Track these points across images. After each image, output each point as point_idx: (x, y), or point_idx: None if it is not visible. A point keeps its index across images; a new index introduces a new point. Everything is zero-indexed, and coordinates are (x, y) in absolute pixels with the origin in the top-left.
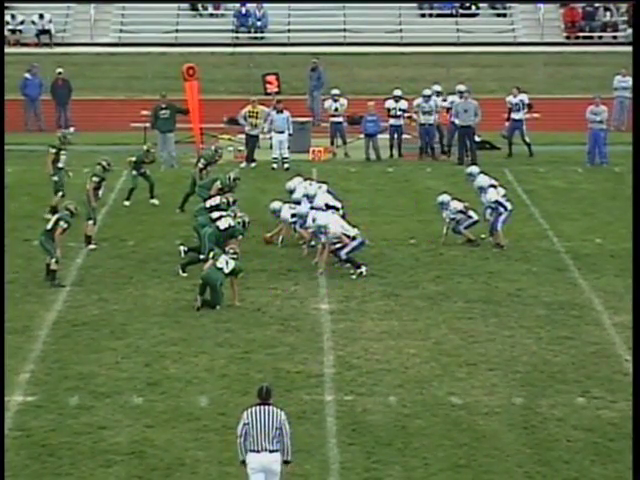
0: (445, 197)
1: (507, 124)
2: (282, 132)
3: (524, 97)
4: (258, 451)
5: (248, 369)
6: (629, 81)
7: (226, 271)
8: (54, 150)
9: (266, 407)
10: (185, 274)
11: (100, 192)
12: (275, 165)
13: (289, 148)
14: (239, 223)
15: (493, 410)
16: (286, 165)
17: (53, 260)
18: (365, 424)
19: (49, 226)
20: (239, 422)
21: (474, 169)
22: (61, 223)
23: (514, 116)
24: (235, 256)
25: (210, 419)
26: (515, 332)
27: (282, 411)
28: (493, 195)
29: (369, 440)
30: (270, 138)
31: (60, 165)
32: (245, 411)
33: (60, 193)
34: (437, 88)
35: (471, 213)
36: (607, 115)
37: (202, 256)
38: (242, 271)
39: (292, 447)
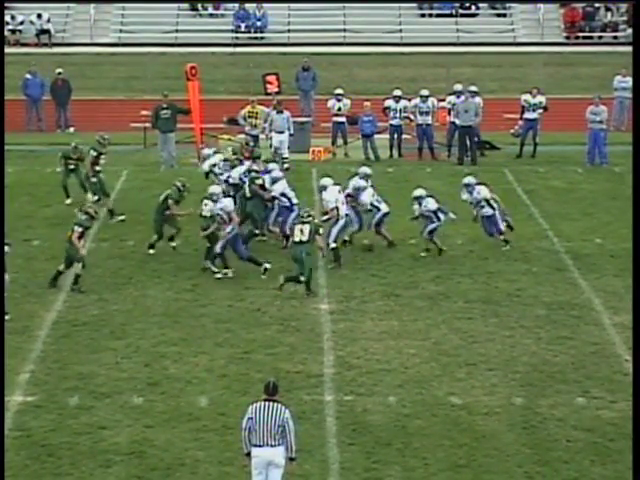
0: (421, 191)
1: (520, 123)
2: (282, 132)
3: (542, 98)
4: (261, 446)
5: (248, 369)
6: (629, 81)
7: (305, 238)
8: (95, 153)
9: (271, 403)
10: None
11: (98, 167)
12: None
13: (289, 148)
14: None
15: (493, 410)
16: (285, 165)
17: (79, 265)
18: (365, 424)
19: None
20: (244, 416)
21: (469, 180)
22: (76, 227)
23: (529, 116)
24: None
25: (210, 419)
26: (515, 332)
27: (287, 408)
28: (431, 204)
29: (369, 440)
30: (270, 138)
31: (98, 168)
32: (250, 405)
33: (95, 196)
34: (398, 93)
35: (440, 215)
36: (607, 115)
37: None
38: (319, 226)
39: (296, 445)
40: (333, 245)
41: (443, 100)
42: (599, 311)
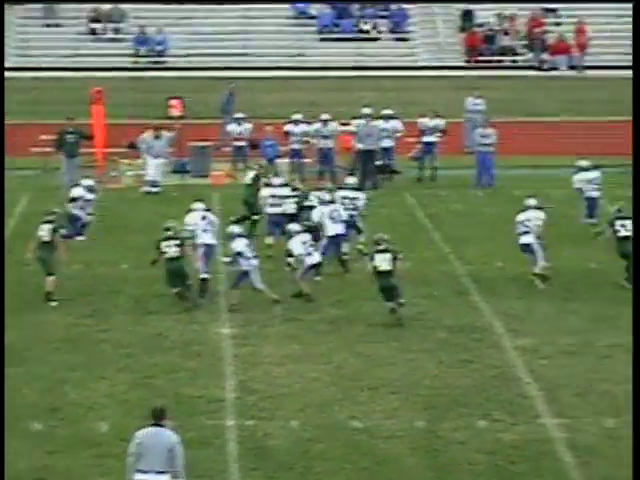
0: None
1: (418, 147)
2: (158, 157)
3: (440, 122)
4: (146, 472)
5: (149, 394)
6: (481, 104)
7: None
8: None
9: (159, 428)
10: None
11: None
12: (148, 189)
13: (189, 172)
14: None
15: (395, 434)
16: (156, 189)
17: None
18: (267, 449)
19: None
20: (131, 441)
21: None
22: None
23: (427, 139)
24: None
25: (111, 445)
26: (416, 356)
27: (175, 433)
28: (238, 245)
29: (271, 465)
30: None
31: None
32: (138, 431)
33: None
34: (298, 116)
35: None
36: (496, 138)
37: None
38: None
39: (184, 470)
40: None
41: (346, 124)
42: (500, 334)
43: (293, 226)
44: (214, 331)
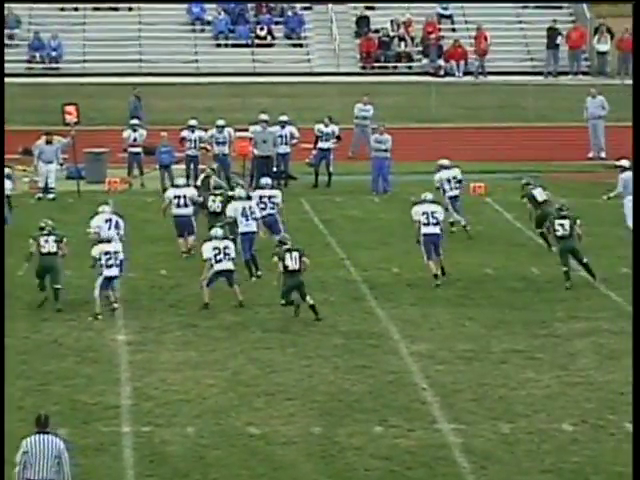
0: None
1: (314, 153)
2: (51, 162)
3: (335, 128)
4: None
5: (45, 401)
6: (370, 110)
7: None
8: None
9: (45, 436)
10: None
11: None
12: (41, 195)
13: (83, 178)
14: None
15: (291, 440)
16: (51, 195)
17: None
18: (163, 455)
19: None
20: (18, 451)
21: None
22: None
23: (322, 145)
24: None
25: (6, 452)
26: (313, 361)
27: (61, 440)
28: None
29: (167, 471)
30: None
31: None
32: (24, 440)
33: None
34: (193, 123)
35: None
36: (391, 144)
37: None
38: None
39: (71, 476)
40: None
41: (242, 130)
42: (396, 340)
43: (215, 231)
44: (110, 338)
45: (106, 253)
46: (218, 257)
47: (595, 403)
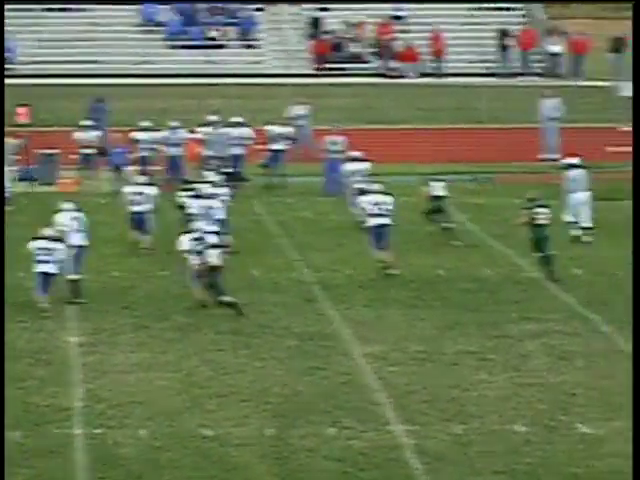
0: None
1: (267, 154)
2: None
3: (288, 129)
4: None
5: None
6: (305, 111)
7: None
8: None
9: None
10: None
11: None
12: None
13: (36, 180)
14: None
15: (244, 441)
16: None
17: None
18: (116, 457)
19: None
20: None
21: None
22: None
23: (275, 147)
24: None
25: None
26: (266, 363)
27: None
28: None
29: (120, 474)
30: None
31: None
32: None
33: None
34: (146, 124)
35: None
36: (344, 146)
37: None
38: None
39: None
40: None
41: (195, 132)
42: (349, 341)
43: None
44: (62, 339)
45: (41, 249)
46: (197, 249)
47: (547, 404)
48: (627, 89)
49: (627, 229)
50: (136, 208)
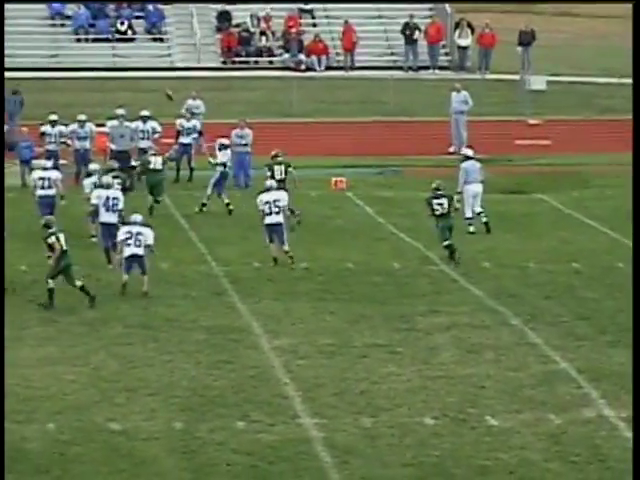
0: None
1: (175, 147)
2: None
3: (197, 123)
4: None
5: None
6: (200, 106)
7: None
8: None
9: None
10: None
11: None
12: None
13: None
14: None
15: (153, 435)
16: None
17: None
18: (23, 452)
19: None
20: None
21: None
22: None
23: (183, 140)
24: None
25: None
26: (174, 357)
27: None
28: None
29: (27, 468)
30: None
31: None
32: None
33: None
34: (54, 117)
35: None
36: (252, 139)
37: None
38: None
39: None
40: None
41: (102, 125)
42: (258, 335)
43: (135, 217)
44: None
45: None
46: (128, 242)
47: (456, 397)
48: (537, 83)
49: (535, 222)
50: (42, 192)
